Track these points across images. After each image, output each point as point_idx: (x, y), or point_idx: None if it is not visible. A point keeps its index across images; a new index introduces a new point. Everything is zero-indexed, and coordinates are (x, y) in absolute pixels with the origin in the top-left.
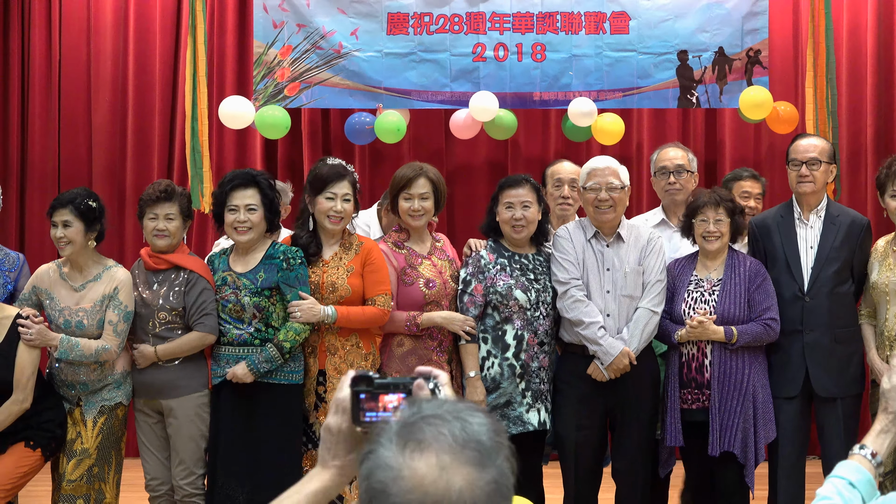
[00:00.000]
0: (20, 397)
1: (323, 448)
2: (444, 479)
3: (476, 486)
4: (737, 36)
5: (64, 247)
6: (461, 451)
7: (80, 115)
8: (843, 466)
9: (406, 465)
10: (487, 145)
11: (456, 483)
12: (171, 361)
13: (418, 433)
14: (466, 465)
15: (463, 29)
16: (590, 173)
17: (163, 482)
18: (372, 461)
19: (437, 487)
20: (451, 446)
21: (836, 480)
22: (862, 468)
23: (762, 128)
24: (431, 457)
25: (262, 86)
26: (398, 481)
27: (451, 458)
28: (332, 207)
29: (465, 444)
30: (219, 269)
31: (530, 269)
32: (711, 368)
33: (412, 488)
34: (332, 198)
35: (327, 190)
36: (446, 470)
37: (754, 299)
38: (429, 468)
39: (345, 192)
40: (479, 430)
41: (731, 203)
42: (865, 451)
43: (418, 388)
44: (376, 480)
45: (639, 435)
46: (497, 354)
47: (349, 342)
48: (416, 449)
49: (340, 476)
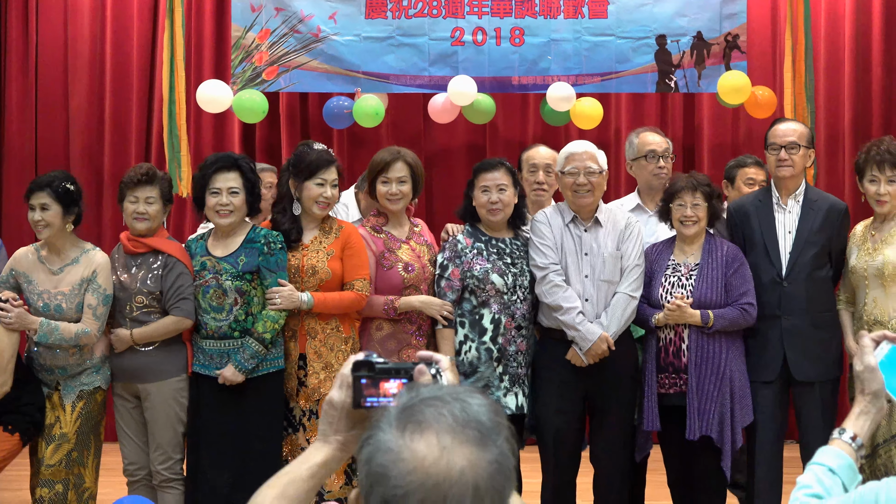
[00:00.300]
0: (0, 380)
1: (324, 422)
2: (445, 459)
3: (478, 466)
4: (715, 20)
5: (41, 230)
6: (462, 431)
7: (58, 99)
8: (824, 453)
9: (406, 446)
10: (466, 129)
11: (457, 463)
12: (149, 346)
13: (418, 415)
14: (467, 445)
15: (441, 13)
16: (568, 157)
17: (140, 467)
18: (372, 445)
19: (439, 468)
20: (451, 426)
21: (817, 468)
22: (842, 453)
23: (740, 112)
24: (432, 437)
25: (241, 70)
26: (398, 463)
27: (452, 438)
28: (321, 193)
29: (465, 424)
30: (196, 255)
31: (507, 253)
32: (689, 353)
33: (413, 469)
34: (322, 184)
35: (317, 176)
36: (447, 450)
37: (731, 284)
38: (429, 449)
39: (333, 178)
40: (478, 411)
41: (709, 187)
42: (846, 434)
43: (419, 374)
44: (376, 464)
45: (617, 420)
46: (474, 338)
47: (329, 326)
48: (416, 430)
49: (342, 450)
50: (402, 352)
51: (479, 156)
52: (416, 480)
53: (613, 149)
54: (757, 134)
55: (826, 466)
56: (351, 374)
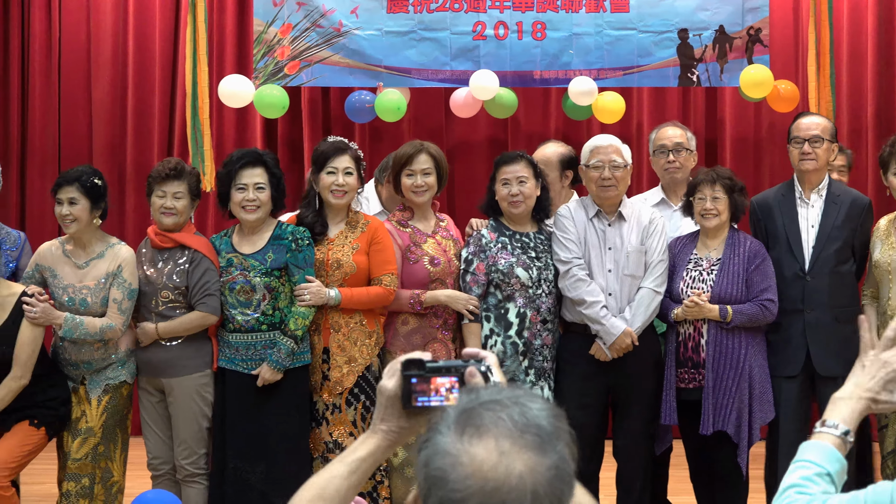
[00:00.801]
0: (18, 373)
1: (376, 411)
2: (503, 464)
3: (537, 472)
4: (737, 14)
5: (69, 224)
6: (521, 436)
7: (81, 93)
8: (813, 450)
9: (465, 450)
10: (487, 124)
11: (516, 468)
12: (174, 340)
13: (477, 419)
14: (526, 450)
15: (463, 7)
16: (593, 150)
17: (164, 461)
18: (430, 448)
19: (497, 473)
20: (510, 431)
21: (808, 468)
22: (830, 448)
23: (762, 106)
24: (490, 442)
25: (262, 64)
26: (457, 468)
27: (511, 443)
28: (333, 181)
29: (524, 428)
30: (222, 251)
31: (531, 247)
32: (707, 348)
33: (471, 474)
34: (334, 172)
35: (328, 165)
36: (506, 455)
37: (752, 280)
38: (488, 453)
39: (346, 166)
40: (538, 415)
41: (730, 181)
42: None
43: (471, 376)
44: (434, 467)
45: (640, 414)
46: (500, 333)
47: (353, 320)
48: (475, 434)
49: (386, 440)
50: (428, 346)
51: (500, 150)
52: (475, 485)
53: (635, 143)
54: (779, 128)
55: (814, 463)
56: (401, 373)
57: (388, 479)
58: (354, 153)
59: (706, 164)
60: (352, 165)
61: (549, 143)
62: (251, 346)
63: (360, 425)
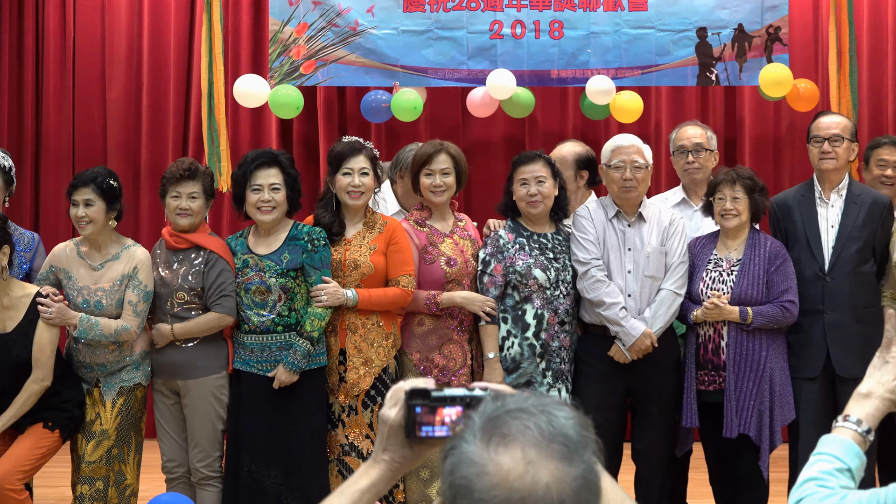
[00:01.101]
0: (39, 375)
1: (377, 440)
2: (530, 473)
3: (563, 482)
4: (756, 12)
5: (85, 226)
6: (548, 446)
7: (95, 93)
8: (833, 444)
9: (491, 459)
10: (505, 123)
11: (543, 478)
12: (189, 342)
13: (503, 427)
14: (553, 460)
15: (480, 6)
16: (614, 150)
17: (179, 464)
18: (455, 456)
19: (524, 483)
20: (537, 440)
21: (828, 462)
22: (850, 442)
23: (782, 106)
24: (517, 451)
25: (278, 64)
26: (483, 476)
27: (538, 452)
28: (349, 182)
29: (551, 437)
30: (238, 253)
31: (549, 248)
32: (727, 350)
33: (497, 483)
34: (350, 172)
35: (344, 166)
36: (532, 464)
37: (773, 281)
38: (514, 462)
39: (361, 167)
40: (565, 424)
41: (751, 181)
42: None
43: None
44: (460, 476)
45: (659, 416)
46: (517, 334)
47: (370, 321)
48: (501, 443)
49: (389, 471)
50: (444, 346)
51: (517, 150)
52: (501, 495)
53: (653, 143)
54: (799, 127)
55: (834, 457)
56: (405, 402)
57: (404, 481)
58: (370, 153)
59: (726, 163)
60: (367, 165)
61: (567, 143)
62: (266, 347)
63: (377, 427)
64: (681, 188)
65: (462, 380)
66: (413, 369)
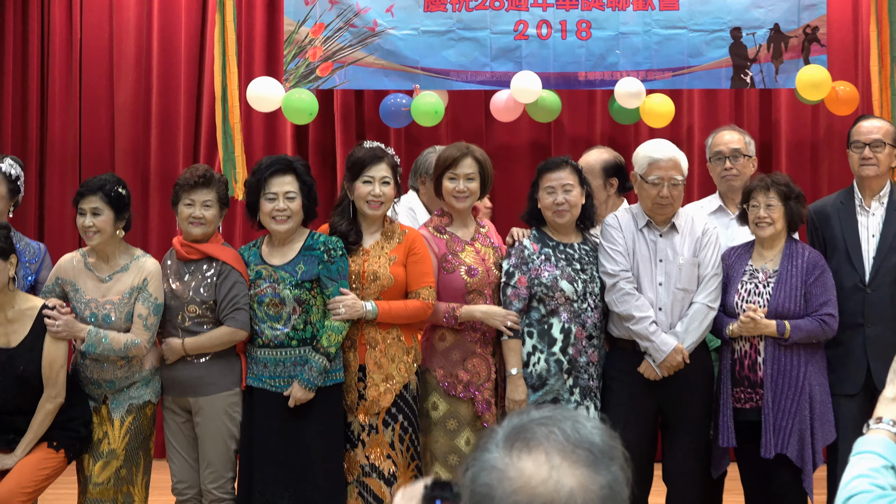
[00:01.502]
0: (52, 393)
1: None
2: (553, 478)
3: (589, 490)
4: (793, 12)
5: (92, 236)
6: (573, 451)
7: (103, 96)
8: (871, 443)
9: (513, 465)
10: (530, 128)
11: (566, 484)
12: (201, 357)
13: (527, 433)
14: (578, 466)
15: (504, 5)
16: (651, 164)
17: (190, 485)
18: (477, 465)
19: (546, 488)
20: (562, 445)
21: (873, 458)
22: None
23: (820, 109)
24: (540, 455)
25: (293, 66)
26: (504, 482)
27: (562, 457)
28: (370, 192)
29: (577, 443)
30: (251, 263)
31: (576, 259)
32: (764, 366)
33: (519, 488)
34: (370, 181)
35: (364, 174)
36: (556, 469)
37: (811, 292)
38: (537, 467)
39: (383, 175)
40: (592, 432)
41: (786, 187)
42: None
43: None
44: (481, 483)
45: (691, 435)
46: (543, 349)
47: (390, 335)
48: (524, 449)
49: None
50: (468, 361)
51: (543, 156)
52: (522, 500)
53: (685, 148)
54: (838, 131)
55: (879, 454)
56: (425, 492)
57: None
58: (392, 160)
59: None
60: (389, 174)
61: (593, 150)
62: (280, 362)
63: (398, 447)
64: (717, 196)
65: (486, 394)
66: (437, 387)
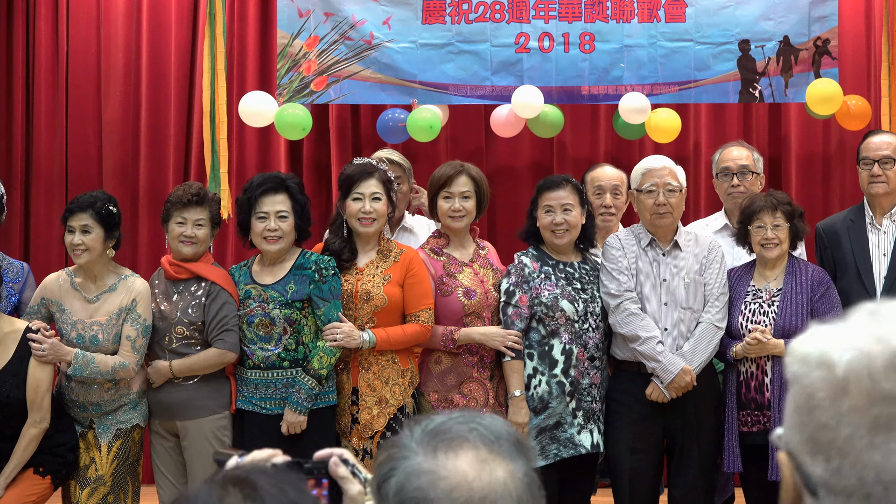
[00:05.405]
0: (37, 418)
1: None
2: (486, 471)
3: (517, 478)
4: (803, 24)
5: (80, 254)
6: (495, 443)
7: (90, 111)
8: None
9: (442, 465)
10: (531, 144)
11: (499, 475)
12: (189, 380)
13: (446, 434)
14: (503, 458)
15: (505, 17)
16: (645, 174)
17: None
18: (400, 474)
19: (482, 482)
20: (486, 439)
21: None
22: None
23: (831, 124)
24: (469, 452)
25: (287, 80)
26: (439, 483)
27: (489, 451)
28: (360, 209)
29: (496, 437)
30: (241, 283)
31: (576, 278)
32: (772, 387)
33: (456, 486)
34: (360, 198)
35: (354, 191)
36: (487, 463)
37: (818, 310)
38: (470, 464)
39: (373, 192)
40: (500, 426)
41: (790, 206)
42: None
43: (335, 466)
44: (413, 488)
45: (698, 460)
46: (544, 371)
47: (384, 357)
48: (449, 448)
49: None
50: (464, 385)
51: (545, 173)
52: (462, 497)
53: (692, 164)
54: (850, 146)
55: None
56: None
57: None
58: (383, 175)
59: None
60: (380, 190)
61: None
62: (271, 384)
63: None
64: (723, 213)
65: None
66: (431, 411)
